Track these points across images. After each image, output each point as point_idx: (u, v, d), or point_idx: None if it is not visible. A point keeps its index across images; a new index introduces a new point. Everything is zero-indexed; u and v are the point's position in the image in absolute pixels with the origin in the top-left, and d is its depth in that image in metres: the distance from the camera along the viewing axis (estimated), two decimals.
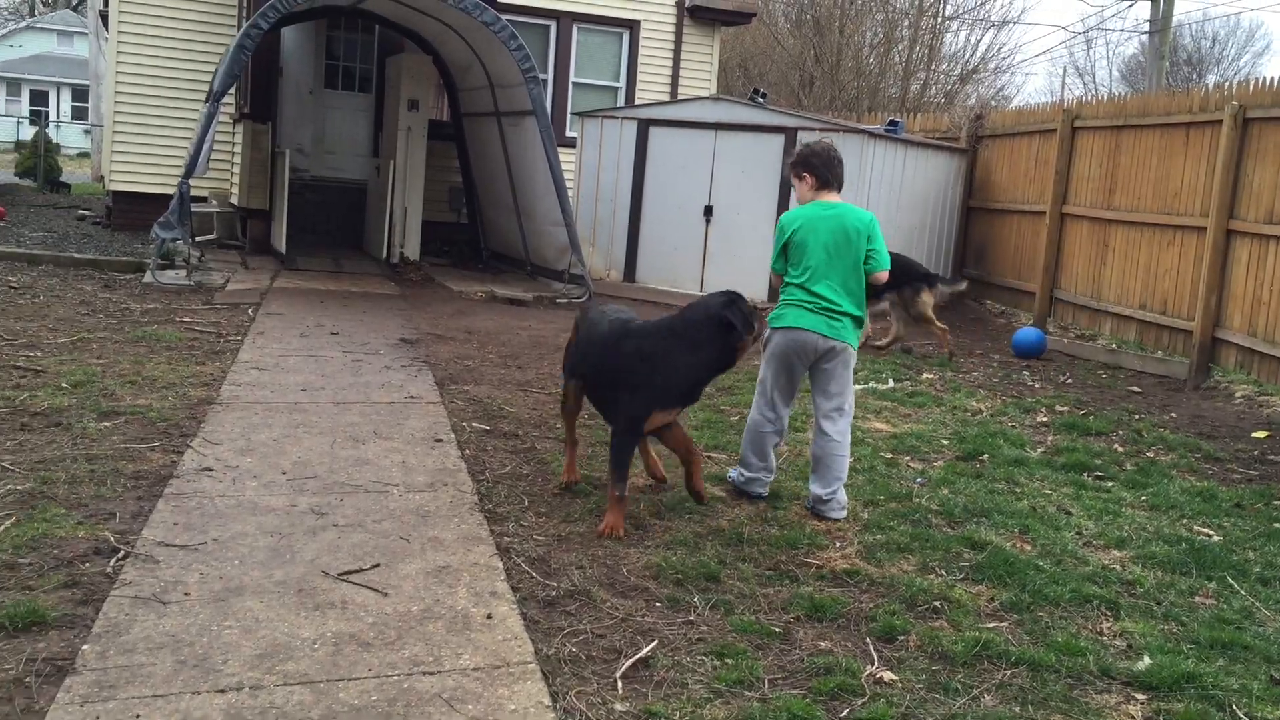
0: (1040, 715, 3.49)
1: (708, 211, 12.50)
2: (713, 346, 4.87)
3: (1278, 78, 9.51)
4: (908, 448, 6.70)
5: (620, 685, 3.46)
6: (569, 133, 15.52)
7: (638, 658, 3.64)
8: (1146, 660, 3.89)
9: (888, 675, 3.66)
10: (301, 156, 15.50)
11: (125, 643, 3.46)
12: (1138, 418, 8.12)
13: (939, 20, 27.54)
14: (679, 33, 16.64)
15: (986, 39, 49.34)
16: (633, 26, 16.41)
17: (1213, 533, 5.46)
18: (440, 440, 6.07)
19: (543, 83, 12.95)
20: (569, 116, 15.91)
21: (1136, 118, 11.23)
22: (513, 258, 14.06)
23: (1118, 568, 4.86)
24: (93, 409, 6.00)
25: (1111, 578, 4.71)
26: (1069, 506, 5.74)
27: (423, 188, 13.91)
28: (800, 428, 6.74)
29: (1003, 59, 44.82)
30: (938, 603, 4.30)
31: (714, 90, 16.88)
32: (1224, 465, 6.91)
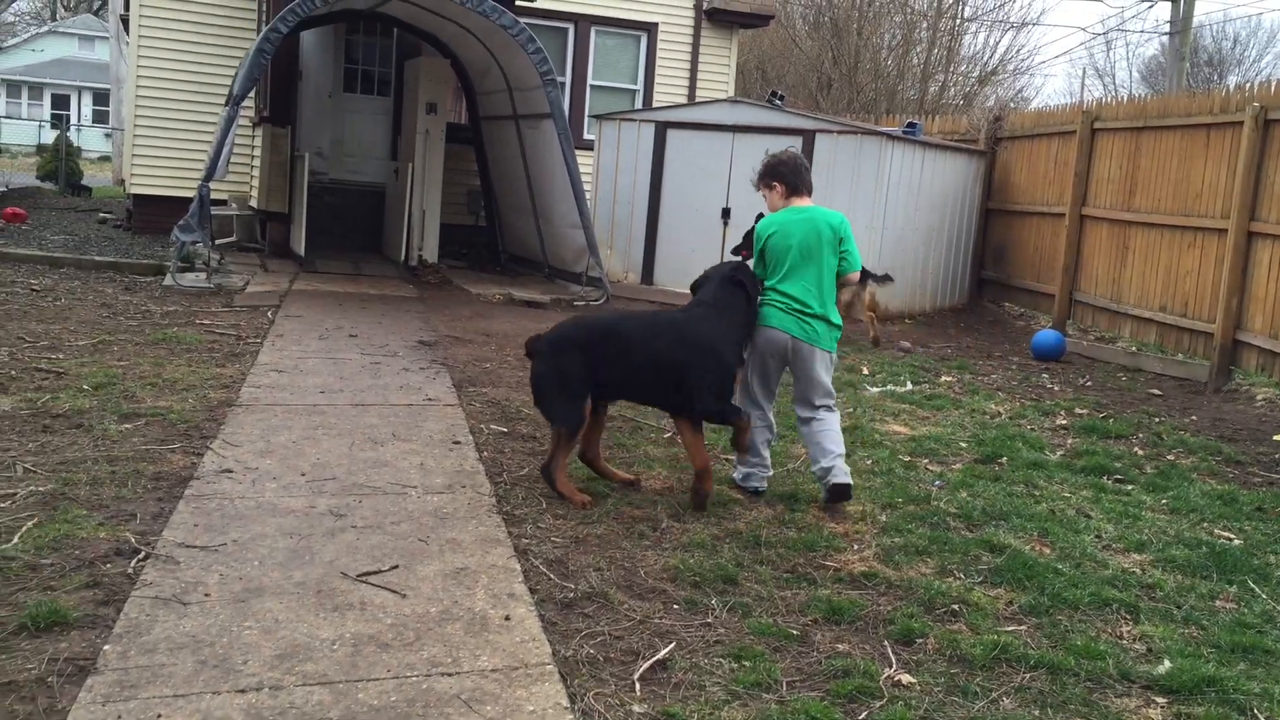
0: (1060, 719, 3.48)
1: (725, 214, 12.48)
2: (738, 311, 5.37)
3: None
4: (926, 450, 6.68)
5: (638, 687, 3.47)
6: (587, 135, 15.53)
7: (655, 659, 3.64)
8: (1167, 664, 3.87)
9: (906, 678, 3.65)
10: (320, 160, 15.56)
11: (146, 643, 3.48)
12: (1158, 420, 8.08)
13: (958, 22, 27.45)
14: (697, 35, 16.64)
15: (1005, 40, 49.11)
16: (650, 29, 16.43)
17: (1234, 536, 5.42)
18: (458, 442, 6.09)
19: (560, 86, 12.99)
20: (587, 119, 15.92)
21: (1157, 119, 11.17)
22: (530, 260, 14.09)
23: (1138, 571, 4.84)
24: (114, 411, 6.05)
25: (1131, 581, 4.69)
26: (1088, 509, 5.71)
27: (441, 191, 13.93)
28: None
29: (1021, 60, 44.77)
30: (956, 606, 4.29)
31: (732, 93, 16.87)
32: (1245, 468, 6.86)
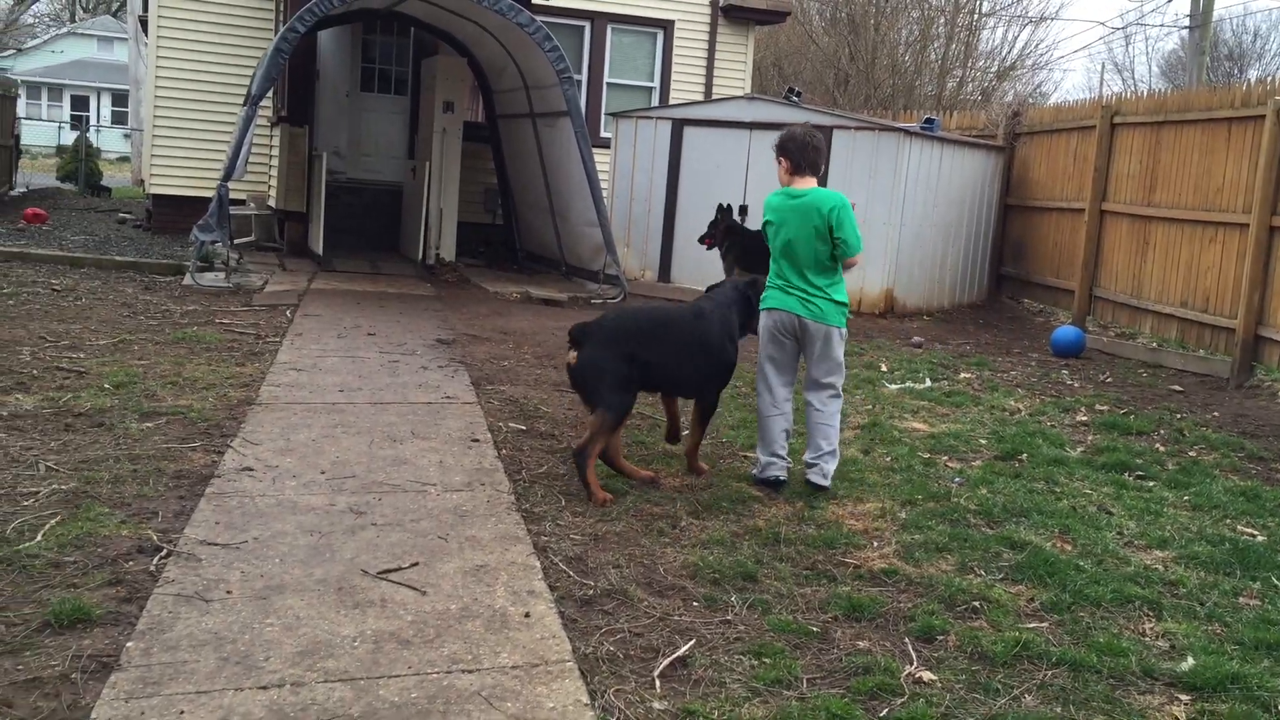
0: (1082, 716, 3.46)
1: (743, 211, 12.43)
2: (738, 308, 5.82)
3: None
4: (945, 447, 6.66)
5: (658, 684, 3.47)
6: (604, 133, 15.52)
7: (675, 656, 3.64)
8: (1190, 661, 3.84)
9: (927, 675, 3.64)
10: (338, 159, 15.61)
11: (169, 640, 3.50)
12: (1179, 417, 8.03)
13: (975, 17, 27.36)
14: (713, 32, 16.61)
15: (1024, 35, 48.91)
16: (667, 26, 16.41)
17: (1257, 532, 5.38)
18: (477, 440, 6.10)
19: (577, 83, 12.97)
20: (603, 117, 15.91)
21: (1177, 114, 11.08)
22: (548, 258, 14.09)
23: (1160, 568, 4.81)
24: (135, 410, 6.08)
25: (1154, 578, 4.66)
26: (1110, 506, 5.68)
27: (458, 189, 13.94)
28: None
29: (1040, 55, 44.52)
30: (977, 602, 4.27)
31: (748, 89, 16.83)
32: (1268, 465, 6.81)
